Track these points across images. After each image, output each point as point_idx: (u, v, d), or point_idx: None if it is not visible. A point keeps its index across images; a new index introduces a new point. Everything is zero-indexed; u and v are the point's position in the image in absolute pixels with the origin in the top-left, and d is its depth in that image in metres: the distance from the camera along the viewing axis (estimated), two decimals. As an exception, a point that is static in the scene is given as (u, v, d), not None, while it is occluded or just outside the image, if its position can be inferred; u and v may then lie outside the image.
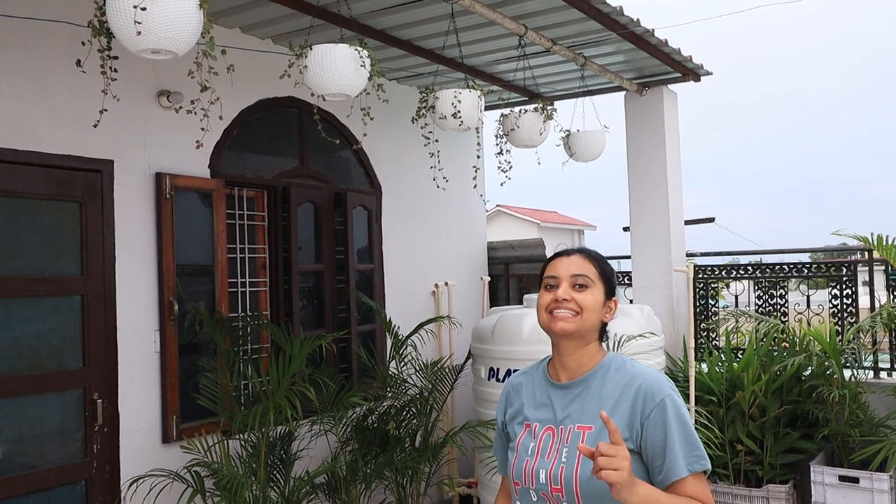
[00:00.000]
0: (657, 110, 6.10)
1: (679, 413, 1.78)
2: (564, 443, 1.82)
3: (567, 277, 1.89)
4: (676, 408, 1.78)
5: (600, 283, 1.90)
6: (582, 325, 1.86)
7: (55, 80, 3.77)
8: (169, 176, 4.23)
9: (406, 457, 4.67)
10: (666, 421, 1.76)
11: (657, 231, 6.11)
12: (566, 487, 1.77)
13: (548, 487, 1.81)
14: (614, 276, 1.98)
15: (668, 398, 1.79)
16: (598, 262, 1.93)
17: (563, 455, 1.80)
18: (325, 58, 3.59)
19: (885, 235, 5.22)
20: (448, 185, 5.22)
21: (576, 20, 4.70)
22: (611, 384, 1.84)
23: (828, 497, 4.96)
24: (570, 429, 1.83)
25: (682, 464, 1.74)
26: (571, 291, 1.87)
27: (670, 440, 1.75)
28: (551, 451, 1.83)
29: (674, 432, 1.75)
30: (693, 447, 1.76)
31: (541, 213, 24.76)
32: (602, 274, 1.91)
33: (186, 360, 4.33)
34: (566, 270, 1.90)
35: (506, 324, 4.97)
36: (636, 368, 1.87)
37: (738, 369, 5.35)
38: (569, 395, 1.88)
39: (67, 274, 3.84)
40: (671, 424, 1.76)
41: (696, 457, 1.76)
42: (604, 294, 1.90)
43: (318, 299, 5.24)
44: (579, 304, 1.86)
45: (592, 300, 1.87)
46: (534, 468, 1.84)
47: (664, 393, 1.79)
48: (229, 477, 3.71)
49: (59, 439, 3.77)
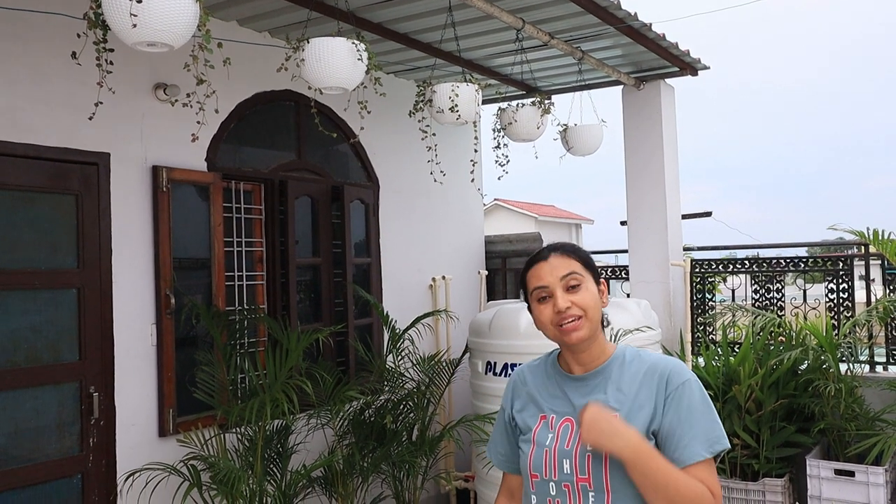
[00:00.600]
0: (654, 104, 6.10)
1: (698, 394, 1.78)
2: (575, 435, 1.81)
3: (557, 283, 1.83)
4: (694, 390, 1.78)
5: (588, 273, 1.86)
6: (591, 325, 1.83)
7: (51, 73, 3.76)
8: (165, 169, 4.22)
9: (403, 451, 4.67)
10: (688, 401, 1.76)
11: (654, 225, 6.11)
12: (594, 476, 1.76)
13: (573, 478, 1.78)
14: (592, 260, 1.93)
15: (689, 381, 1.79)
16: (575, 254, 1.89)
17: (589, 444, 1.74)
18: (322, 51, 3.58)
19: (881, 230, 5.23)
20: (445, 178, 5.22)
21: (573, 14, 4.69)
22: (630, 372, 1.83)
23: (824, 490, 4.98)
24: None
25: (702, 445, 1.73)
26: (567, 296, 1.82)
27: (692, 419, 1.75)
28: (571, 441, 1.81)
29: (696, 412, 1.75)
30: (715, 429, 1.76)
31: (538, 207, 24.75)
32: (585, 264, 1.88)
33: (183, 354, 4.32)
34: (552, 275, 1.84)
35: (503, 318, 4.98)
36: (653, 356, 1.87)
37: (734, 363, 5.36)
38: (586, 386, 1.86)
39: (63, 267, 3.83)
40: (695, 405, 1.76)
41: (714, 439, 1.75)
42: (595, 283, 1.87)
43: (315, 293, 5.24)
44: (581, 306, 1.81)
45: (590, 296, 1.84)
46: (556, 459, 1.81)
47: (685, 377, 1.79)
48: (226, 471, 3.71)
49: (56, 433, 3.77)
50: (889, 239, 5.19)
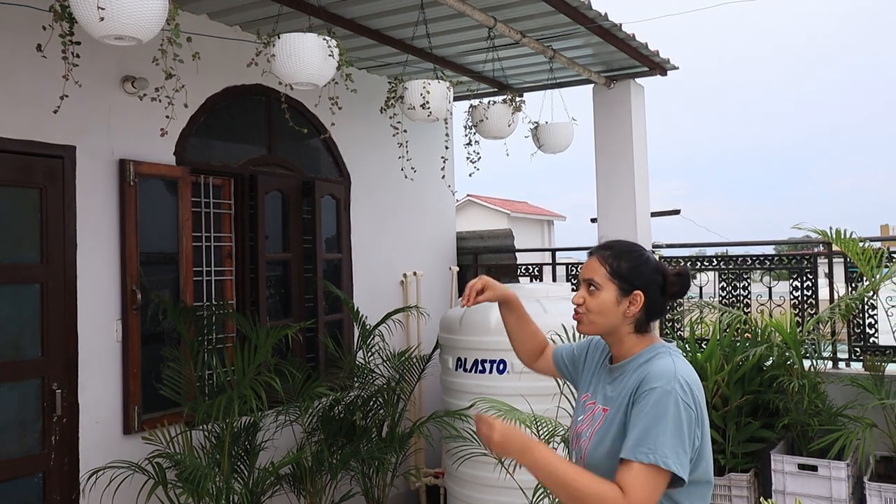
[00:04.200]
0: (625, 103, 6.14)
1: (657, 404, 1.78)
2: (594, 419, 1.98)
3: (583, 281, 2.01)
4: (661, 400, 1.78)
5: (611, 283, 1.96)
6: (591, 325, 1.99)
7: (16, 65, 3.69)
8: (133, 162, 4.17)
9: (372, 447, 4.67)
10: (644, 405, 1.79)
11: (624, 222, 6.15)
12: (585, 461, 1.94)
13: (576, 456, 2.02)
14: (636, 268, 1.97)
15: (660, 389, 1.80)
16: (611, 261, 1.98)
17: (588, 431, 1.97)
18: (293, 47, 3.56)
19: (844, 229, 5.32)
20: (417, 175, 5.21)
21: (545, 13, 4.70)
22: (635, 374, 1.90)
23: (787, 485, 5.06)
24: (597, 406, 1.99)
25: (630, 446, 1.76)
26: (585, 294, 1.99)
27: (637, 422, 1.78)
28: (585, 424, 2.01)
29: (644, 417, 1.77)
30: (650, 439, 1.75)
31: (511, 204, 24.80)
32: (614, 274, 1.96)
33: (149, 350, 4.27)
34: (583, 274, 2.02)
35: (474, 314, 4.99)
36: (658, 364, 1.88)
37: (701, 359, 5.42)
38: (610, 376, 2.01)
39: (26, 261, 3.76)
40: (647, 410, 1.78)
41: (647, 449, 1.74)
42: (616, 293, 1.95)
43: (285, 289, 5.21)
44: (587, 306, 1.98)
45: (598, 303, 1.96)
46: (575, 435, 2.05)
47: (659, 383, 1.81)
48: (192, 468, 3.68)
49: (16, 430, 3.70)
50: (851, 238, 5.28)
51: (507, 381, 4.76)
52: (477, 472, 4.75)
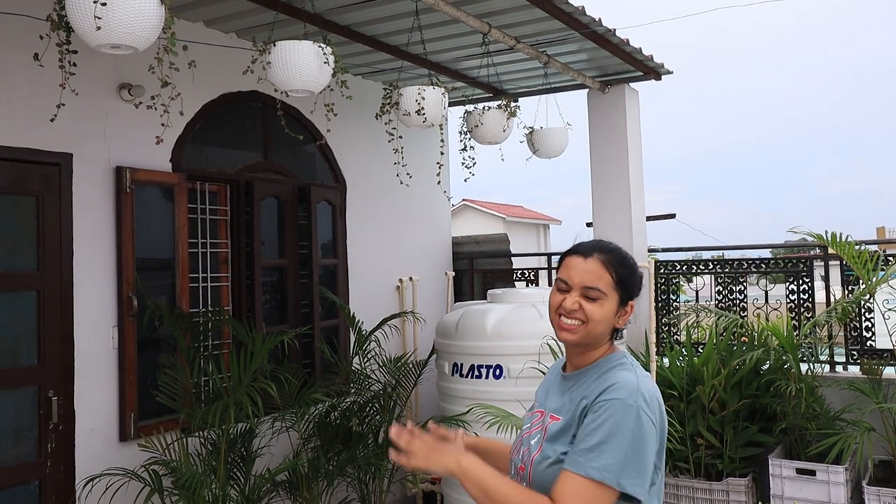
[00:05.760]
0: (619, 108, 6.16)
1: (614, 418, 1.66)
2: (541, 428, 1.85)
3: (579, 287, 1.81)
4: (620, 413, 1.66)
5: (614, 293, 1.81)
6: (586, 336, 1.81)
7: (13, 74, 3.70)
8: (129, 169, 4.17)
9: (369, 453, 4.66)
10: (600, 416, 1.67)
11: (619, 227, 6.17)
12: (529, 468, 1.81)
13: (520, 464, 1.87)
14: (633, 276, 1.85)
15: (620, 402, 1.68)
16: (615, 267, 1.82)
17: (534, 439, 1.84)
18: (289, 54, 3.57)
19: (839, 233, 5.33)
20: (413, 180, 5.22)
21: (539, 19, 4.72)
22: (595, 384, 1.78)
23: (786, 489, 5.06)
24: (548, 416, 1.86)
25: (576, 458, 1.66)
26: (581, 300, 1.80)
27: (590, 434, 1.67)
28: (532, 433, 1.89)
29: (598, 429, 1.66)
30: (603, 454, 1.63)
31: (506, 208, 24.81)
32: (618, 282, 1.81)
33: (145, 357, 4.27)
34: (579, 278, 1.81)
35: (470, 319, 4.99)
36: (620, 375, 1.76)
37: (698, 364, 5.43)
38: (565, 385, 1.89)
39: (23, 269, 3.76)
40: (602, 421, 1.66)
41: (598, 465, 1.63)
42: (617, 303, 1.82)
43: (281, 294, 5.21)
44: (587, 314, 1.79)
45: (601, 313, 1.80)
46: (520, 443, 1.92)
47: (620, 395, 1.69)
48: (188, 475, 3.68)
49: (12, 438, 3.69)
50: (846, 241, 5.29)
51: (503, 386, 4.76)
52: (474, 477, 4.74)
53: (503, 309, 4.94)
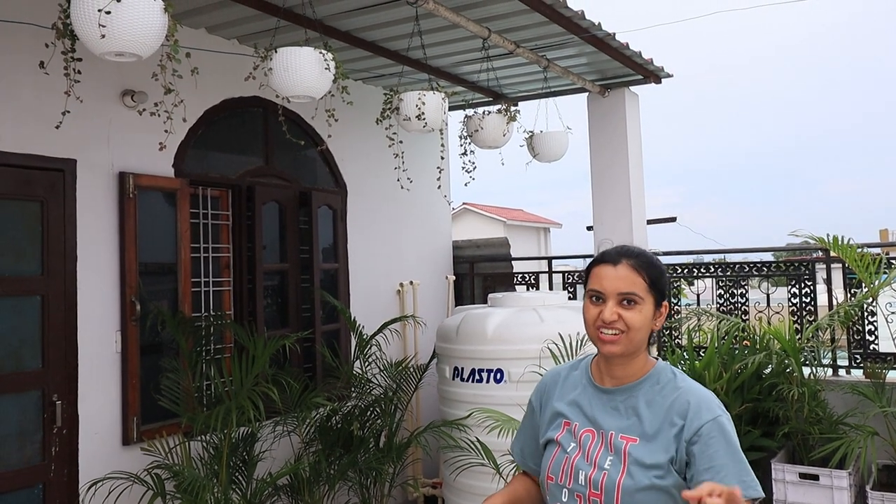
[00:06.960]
0: (619, 111, 6.18)
1: (728, 435, 1.69)
2: (608, 450, 1.76)
3: (614, 295, 1.76)
4: (724, 429, 1.69)
5: (650, 296, 1.77)
6: (629, 344, 1.76)
7: (18, 81, 3.73)
8: (132, 175, 4.20)
9: (370, 457, 4.68)
10: (715, 442, 1.67)
11: (620, 230, 6.18)
12: (606, 495, 1.72)
13: (586, 491, 1.75)
14: (663, 277, 1.82)
15: (718, 419, 1.70)
16: (646, 270, 1.78)
17: (607, 462, 1.74)
18: (290, 61, 3.60)
19: (841, 235, 5.31)
20: (413, 184, 5.24)
21: (538, 24, 4.74)
22: (659, 397, 1.76)
23: (789, 494, 5.02)
24: (611, 436, 1.77)
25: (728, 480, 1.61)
26: (618, 309, 1.75)
27: (719, 462, 1.65)
28: (590, 454, 1.78)
29: (723, 455, 1.66)
30: (744, 472, 1.66)
31: (507, 212, 24.84)
32: (652, 285, 1.77)
33: (148, 361, 4.29)
34: (613, 286, 1.77)
35: (470, 323, 5.01)
36: (686, 383, 1.78)
37: (699, 367, 5.41)
38: (612, 400, 1.81)
39: (27, 274, 3.79)
40: (720, 446, 1.67)
41: (748, 481, 1.65)
42: (653, 306, 1.78)
43: (283, 299, 5.23)
44: (626, 323, 1.75)
45: (640, 318, 1.76)
46: (573, 467, 1.79)
47: (714, 413, 1.70)
48: (190, 479, 3.70)
49: (17, 442, 3.72)
50: (848, 244, 5.27)
51: (505, 390, 4.77)
52: (475, 482, 4.76)
53: (504, 313, 4.96)
